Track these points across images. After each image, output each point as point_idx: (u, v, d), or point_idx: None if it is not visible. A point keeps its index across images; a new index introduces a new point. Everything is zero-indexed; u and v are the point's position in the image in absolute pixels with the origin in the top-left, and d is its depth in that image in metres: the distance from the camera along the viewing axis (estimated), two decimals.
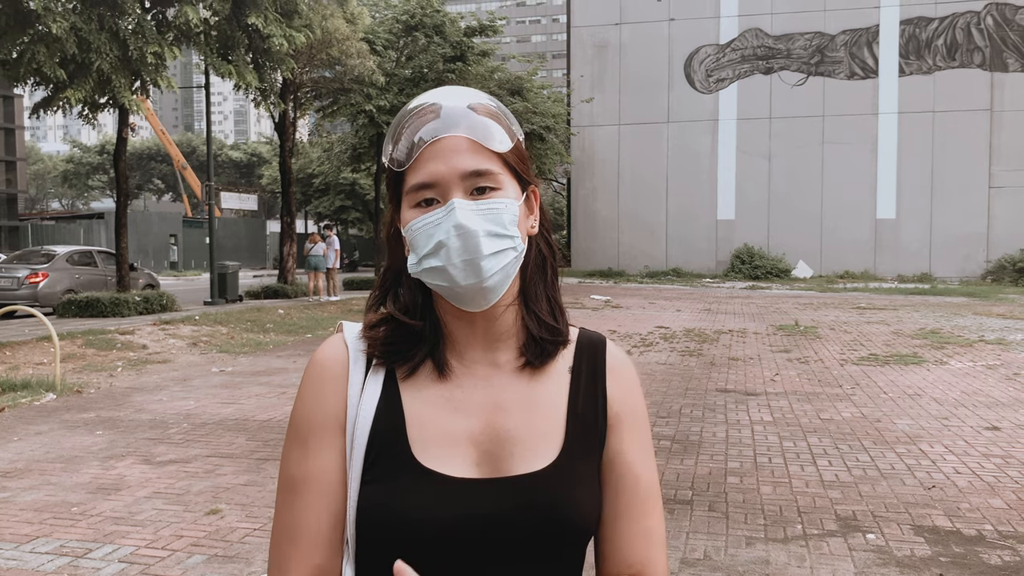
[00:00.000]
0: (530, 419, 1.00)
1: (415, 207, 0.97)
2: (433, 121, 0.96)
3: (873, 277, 31.12)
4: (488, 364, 1.01)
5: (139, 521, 4.60)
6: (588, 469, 1.01)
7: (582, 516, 0.98)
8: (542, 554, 0.96)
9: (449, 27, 25.20)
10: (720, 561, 3.99)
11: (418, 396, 1.00)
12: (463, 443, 0.97)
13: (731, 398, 8.26)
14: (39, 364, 10.26)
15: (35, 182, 75.58)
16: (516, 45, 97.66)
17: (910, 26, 31.63)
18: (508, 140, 0.97)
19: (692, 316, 17.31)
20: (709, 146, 33.57)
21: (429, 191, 0.95)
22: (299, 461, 0.99)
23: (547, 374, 1.03)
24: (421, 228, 0.95)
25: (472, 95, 0.99)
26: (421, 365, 1.01)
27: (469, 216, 0.94)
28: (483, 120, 0.97)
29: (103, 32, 14.14)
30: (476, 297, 0.96)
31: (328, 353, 1.03)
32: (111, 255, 18.86)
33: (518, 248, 0.97)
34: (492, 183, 0.96)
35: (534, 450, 0.98)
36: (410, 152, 0.96)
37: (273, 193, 50.63)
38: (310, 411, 1.00)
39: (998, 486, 5.21)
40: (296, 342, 13.12)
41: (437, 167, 0.94)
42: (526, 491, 0.96)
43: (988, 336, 13.25)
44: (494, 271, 0.95)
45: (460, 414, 0.99)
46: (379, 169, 27.34)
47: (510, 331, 1.02)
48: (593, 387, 1.04)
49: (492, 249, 0.94)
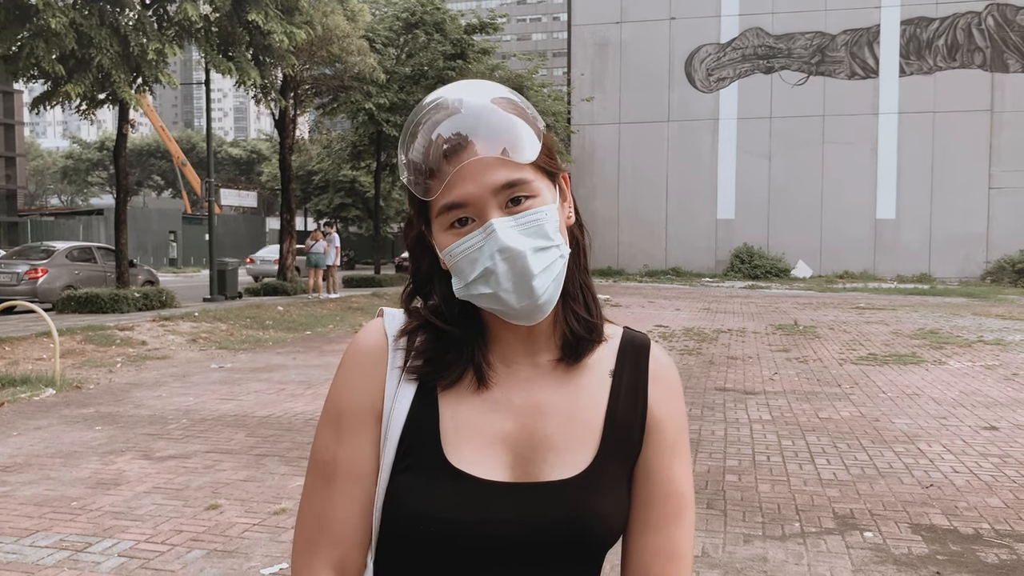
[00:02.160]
0: (567, 423, 0.97)
1: (448, 229, 0.92)
2: (451, 119, 0.90)
3: (872, 277, 31.13)
4: (529, 365, 0.99)
5: (138, 516, 4.61)
6: (619, 477, 0.99)
7: (606, 526, 0.96)
8: (562, 560, 0.95)
9: (449, 24, 25.18)
10: (718, 558, 4.00)
11: (455, 395, 0.97)
12: (497, 445, 0.96)
13: (730, 397, 8.27)
14: (38, 360, 10.26)
15: (35, 178, 75.51)
16: (517, 43, 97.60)
17: (911, 26, 31.63)
18: (536, 140, 0.91)
19: (691, 315, 17.32)
20: (709, 145, 33.57)
21: (461, 211, 0.90)
22: (329, 445, 0.98)
23: (588, 374, 1.00)
24: (463, 254, 0.91)
25: (489, 88, 0.93)
26: (462, 377, 0.98)
27: (512, 236, 0.89)
28: (509, 120, 0.91)
29: (103, 27, 14.13)
30: (532, 314, 0.93)
31: (369, 339, 1.00)
32: (110, 251, 18.85)
33: (564, 253, 0.93)
34: (527, 191, 0.91)
35: (568, 456, 0.96)
36: (434, 171, 0.90)
37: (273, 190, 50.61)
38: (345, 396, 0.98)
39: (995, 485, 5.22)
40: (295, 339, 13.13)
41: (467, 188, 0.89)
42: (554, 498, 0.94)
43: (987, 336, 13.27)
44: (546, 286, 0.91)
45: (497, 415, 0.97)
46: (379, 167, 27.36)
47: (550, 328, 0.99)
48: (634, 392, 1.01)
49: (542, 266, 0.90)
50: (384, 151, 26.68)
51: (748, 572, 3.84)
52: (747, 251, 32.65)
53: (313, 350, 11.77)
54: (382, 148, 26.50)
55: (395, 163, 27.22)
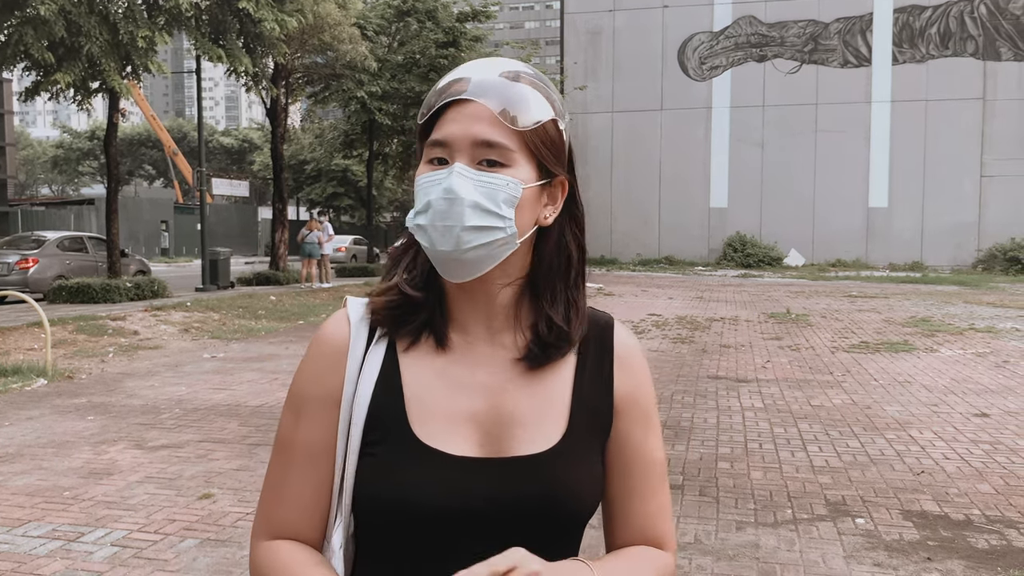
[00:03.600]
0: (534, 401, 0.99)
1: (428, 163, 0.96)
2: (470, 85, 0.94)
3: (865, 265, 31.21)
4: (489, 343, 1.01)
5: (131, 505, 4.60)
6: (591, 454, 1.00)
7: (579, 501, 0.97)
8: (537, 536, 0.95)
9: (441, 12, 25.06)
10: (710, 545, 4.02)
11: (419, 372, 1.00)
12: (465, 423, 0.97)
13: (722, 385, 8.30)
14: (30, 350, 10.22)
15: (25, 168, 74.99)
16: (509, 31, 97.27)
17: (903, 14, 31.61)
18: (541, 114, 0.94)
19: (684, 304, 17.35)
20: (702, 134, 33.55)
21: (441, 150, 0.95)
22: (289, 428, 1.02)
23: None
24: (422, 185, 0.95)
25: (505, 64, 0.97)
26: (422, 336, 1.01)
27: (463, 183, 0.92)
28: (519, 88, 0.94)
29: (93, 15, 14.01)
30: (454, 267, 0.95)
31: (330, 329, 1.03)
32: (102, 241, 18.77)
33: (507, 231, 0.93)
34: (502, 159, 0.93)
35: (537, 432, 0.97)
36: (433, 105, 0.96)
37: (264, 179, 50.36)
38: (306, 385, 1.02)
39: (986, 471, 5.26)
40: (288, 328, 13.11)
41: (453, 128, 0.94)
42: (526, 472, 0.95)
43: (978, 324, 13.33)
44: (472, 245, 0.92)
45: (463, 393, 0.98)
46: (371, 155, 27.26)
47: (510, 312, 1.01)
48: (599, 373, 1.03)
49: (475, 222, 0.92)
50: (376, 140, 26.59)
51: (740, 559, 3.85)
52: (740, 240, 32.69)
53: (306, 339, 11.72)
54: (374, 137, 26.40)
55: (387, 152, 27.33)
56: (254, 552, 1.01)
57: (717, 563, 3.80)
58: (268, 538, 1.00)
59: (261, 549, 1.00)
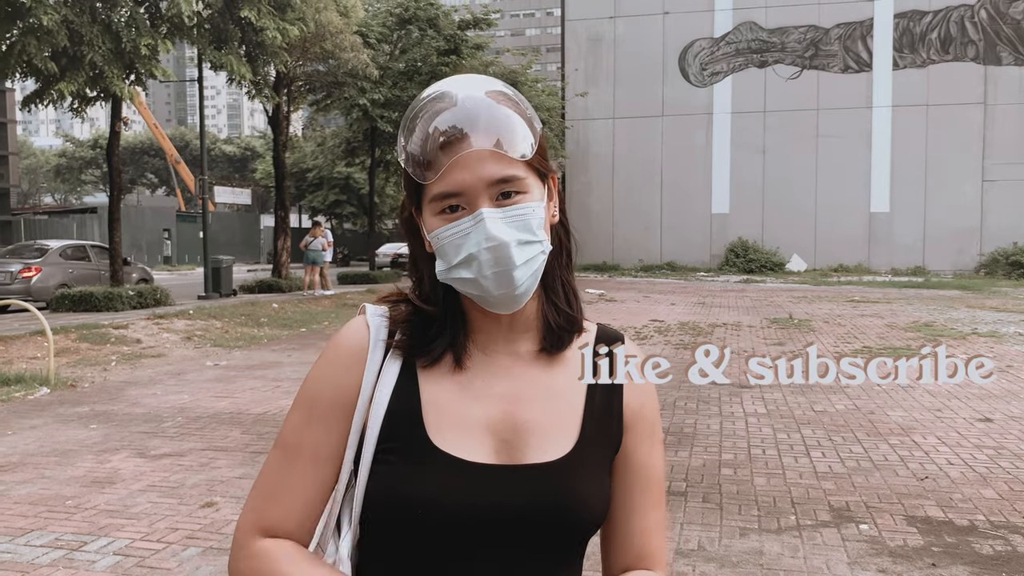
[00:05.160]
0: (548, 410, 1.01)
1: (439, 214, 0.96)
2: (449, 111, 0.93)
3: (867, 270, 31.18)
4: (509, 354, 1.03)
5: (134, 514, 4.60)
6: (601, 464, 1.03)
7: (589, 510, 0.99)
8: (545, 543, 0.97)
9: (443, 20, 25.11)
10: (714, 552, 4.01)
11: (436, 382, 1.01)
12: (480, 430, 0.98)
13: (725, 390, 8.28)
14: (33, 358, 10.22)
15: (27, 176, 75.16)
16: (510, 39, 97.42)
17: (904, 19, 31.65)
18: (529, 135, 0.95)
19: (686, 309, 17.34)
20: (703, 140, 33.57)
21: (454, 199, 0.94)
22: (297, 429, 1.01)
23: (566, 366, 1.04)
24: (449, 239, 0.95)
25: (487, 83, 0.97)
26: (442, 357, 1.01)
27: (499, 226, 0.93)
28: (505, 114, 0.94)
29: (95, 24, 14.05)
30: (508, 303, 0.97)
31: (349, 335, 1.03)
32: (104, 249, 18.78)
33: (546, 249, 0.97)
34: (518, 188, 0.95)
35: (550, 440, 0.99)
36: (431, 162, 0.93)
37: (267, 187, 50.46)
38: (320, 389, 1.02)
39: (990, 477, 5.24)
40: (290, 336, 13.11)
41: (463, 176, 0.93)
42: (538, 480, 0.97)
43: (981, 329, 13.30)
44: (525, 278, 0.95)
45: (479, 403, 1.00)
46: (373, 163, 27.30)
47: (531, 320, 1.03)
48: (611, 386, 1.04)
49: (523, 258, 0.94)
50: (378, 147, 26.62)
51: (744, 565, 3.84)
52: (742, 245, 32.67)
53: (308, 347, 11.75)
54: (376, 144, 26.45)
55: (389, 159, 27.36)
56: (244, 548, 0.98)
57: (721, 570, 3.79)
58: (258, 535, 0.99)
59: (254, 545, 0.98)
